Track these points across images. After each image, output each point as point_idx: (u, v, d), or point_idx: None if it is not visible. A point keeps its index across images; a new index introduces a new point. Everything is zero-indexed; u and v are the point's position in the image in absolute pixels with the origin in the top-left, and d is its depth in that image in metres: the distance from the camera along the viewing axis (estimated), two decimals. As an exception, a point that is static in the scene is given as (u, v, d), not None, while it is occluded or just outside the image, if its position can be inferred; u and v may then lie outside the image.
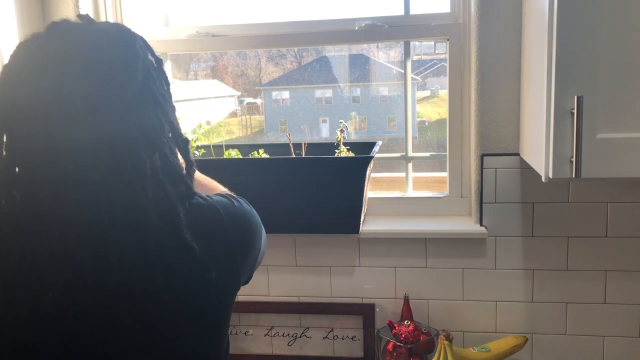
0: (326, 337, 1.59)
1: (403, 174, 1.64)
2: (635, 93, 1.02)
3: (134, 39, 0.74)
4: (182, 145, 0.77)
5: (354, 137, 1.77)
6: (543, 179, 1.10)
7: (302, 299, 1.59)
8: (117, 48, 0.71)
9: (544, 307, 1.48)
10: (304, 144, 1.56)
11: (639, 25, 1.01)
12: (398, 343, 1.43)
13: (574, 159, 1.02)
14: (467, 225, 1.48)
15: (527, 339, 1.45)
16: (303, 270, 1.58)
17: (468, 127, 1.50)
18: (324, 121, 1.86)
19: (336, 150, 1.52)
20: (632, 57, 1.01)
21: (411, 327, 1.44)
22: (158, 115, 0.72)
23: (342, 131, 1.51)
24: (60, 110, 0.66)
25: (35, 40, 0.70)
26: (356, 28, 1.53)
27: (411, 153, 1.62)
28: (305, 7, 1.65)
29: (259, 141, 1.94)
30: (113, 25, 0.76)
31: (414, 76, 1.68)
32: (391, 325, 1.46)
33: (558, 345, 1.49)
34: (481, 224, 1.47)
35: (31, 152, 0.66)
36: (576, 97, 1.01)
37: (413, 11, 1.55)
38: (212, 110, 1.98)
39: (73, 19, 0.72)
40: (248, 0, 1.69)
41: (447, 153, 1.54)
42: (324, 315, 1.58)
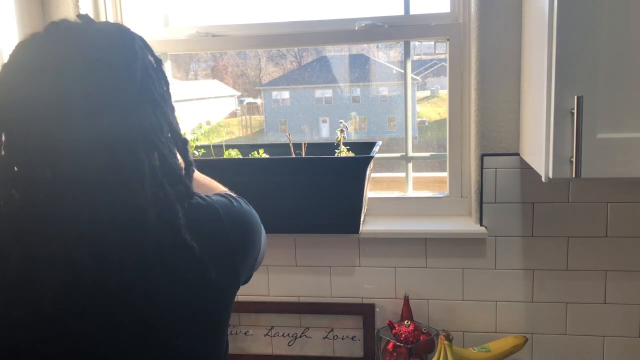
0: (326, 337, 1.59)
1: (403, 174, 1.64)
2: (635, 93, 1.02)
3: (133, 39, 0.74)
4: (181, 145, 0.77)
5: (354, 137, 1.77)
6: (543, 179, 1.10)
7: (302, 299, 1.59)
8: (116, 48, 0.71)
9: (544, 307, 1.48)
10: (304, 144, 1.56)
11: (639, 25, 1.01)
12: (398, 343, 1.43)
13: (574, 159, 1.03)
14: (467, 225, 1.48)
15: (527, 339, 1.45)
16: (303, 270, 1.58)
17: (468, 127, 1.50)
18: (324, 121, 1.86)
19: (336, 150, 1.52)
20: (632, 57, 1.01)
21: (411, 327, 1.44)
22: (157, 115, 0.72)
23: (342, 131, 1.51)
24: (59, 110, 0.66)
25: (34, 40, 0.70)
26: (356, 28, 1.53)
27: (411, 153, 1.62)
28: (305, 7, 1.65)
29: (259, 141, 1.94)
30: (112, 25, 0.76)
31: (414, 76, 1.68)
32: (391, 325, 1.46)
33: (558, 345, 1.49)
34: (481, 224, 1.47)
35: (30, 152, 0.66)
36: (576, 97, 1.01)
37: (413, 11, 1.55)
38: (212, 110, 1.98)
39: (72, 19, 0.73)
40: (248, 0, 1.69)
41: (447, 153, 1.54)
42: (324, 315, 1.58)
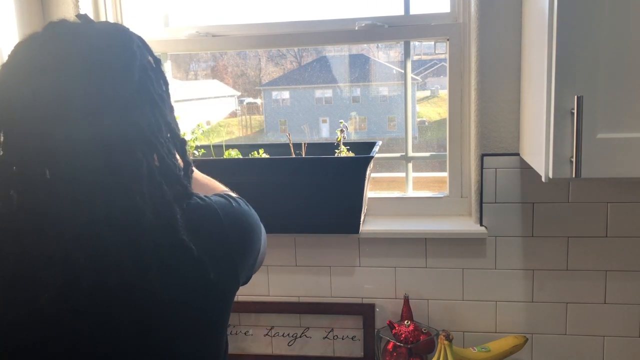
0: (326, 337, 1.59)
1: (403, 174, 1.64)
2: (635, 93, 1.02)
3: (132, 40, 0.74)
4: (180, 145, 0.77)
5: (354, 137, 1.77)
6: (543, 179, 1.10)
7: (302, 299, 1.59)
8: (115, 49, 0.71)
9: (544, 307, 1.48)
10: (304, 144, 1.56)
11: (639, 25, 1.00)
12: (398, 343, 1.43)
13: (574, 159, 1.02)
14: (467, 225, 1.48)
15: (527, 339, 1.45)
16: (303, 270, 1.58)
17: (468, 127, 1.50)
18: (324, 121, 1.85)
19: (336, 150, 1.52)
20: (632, 57, 1.01)
21: (411, 327, 1.44)
22: (155, 115, 0.72)
23: (342, 131, 1.51)
24: (57, 110, 0.66)
25: (33, 40, 0.70)
26: (356, 28, 1.53)
27: (411, 153, 1.62)
28: (305, 7, 1.65)
29: (259, 141, 1.94)
30: (111, 25, 0.76)
31: (414, 76, 1.68)
32: (391, 325, 1.46)
33: (558, 345, 1.49)
34: (481, 224, 1.47)
35: (29, 152, 0.66)
36: (576, 97, 1.01)
37: (413, 11, 1.54)
38: (212, 110, 1.98)
39: (71, 19, 0.73)
40: (248, 0, 1.69)
41: (447, 153, 1.54)
42: (324, 315, 1.58)
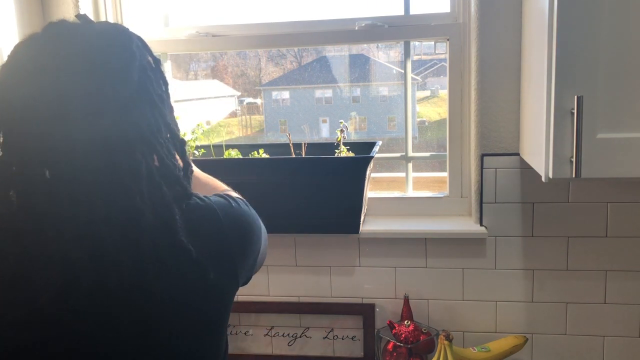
0: (326, 337, 1.59)
1: (403, 174, 1.64)
2: (635, 93, 1.02)
3: (131, 40, 0.74)
4: (179, 146, 0.77)
5: (354, 137, 1.77)
6: (543, 179, 1.10)
7: (302, 299, 1.59)
8: (114, 49, 0.71)
9: (544, 307, 1.48)
10: (304, 144, 1.56)
11: (639, 25, 1.00)
12: (398, 343, 1.43)
13: (574, 159, 1.02)
14: (467, 225, 1.48)
15: (527, 339, 1.45)
16: (303, 270, 1.58)
17: (468, 127, 1.50)
18: (324, 121, 1.85)
19: (336, 150, 1.52)
20: (632, 57, 1.01)
21: (411, 327, 1.44)
22: (155, 116, 0.72)
23: (342, 131, 1.51)
24: (56, 110, 0.66)
25: (32, 40, 0.70)
26: (356, 28, 1.53)
27: (411, 153, 1.62)
28: (305, 7, 1.65)
29: (259, 141, 1.94)
30: (111, 25, 0.76)
31: (414, 76, 1.68)
32: (391, 325, 1.46)
33: (558, 345, 1.49)
34: (481, 224, 1.47)
35: (28, 152, 0.66)
36: (576, 97, 1.01)
37: (413, 11, 1.54)
38: (212, 110, 1.98)
39: (71, 19, 0.73)
40: (248, 0, 1.69)
41: (447, 153, 1.54)
42: (324, 315, 1.58)
